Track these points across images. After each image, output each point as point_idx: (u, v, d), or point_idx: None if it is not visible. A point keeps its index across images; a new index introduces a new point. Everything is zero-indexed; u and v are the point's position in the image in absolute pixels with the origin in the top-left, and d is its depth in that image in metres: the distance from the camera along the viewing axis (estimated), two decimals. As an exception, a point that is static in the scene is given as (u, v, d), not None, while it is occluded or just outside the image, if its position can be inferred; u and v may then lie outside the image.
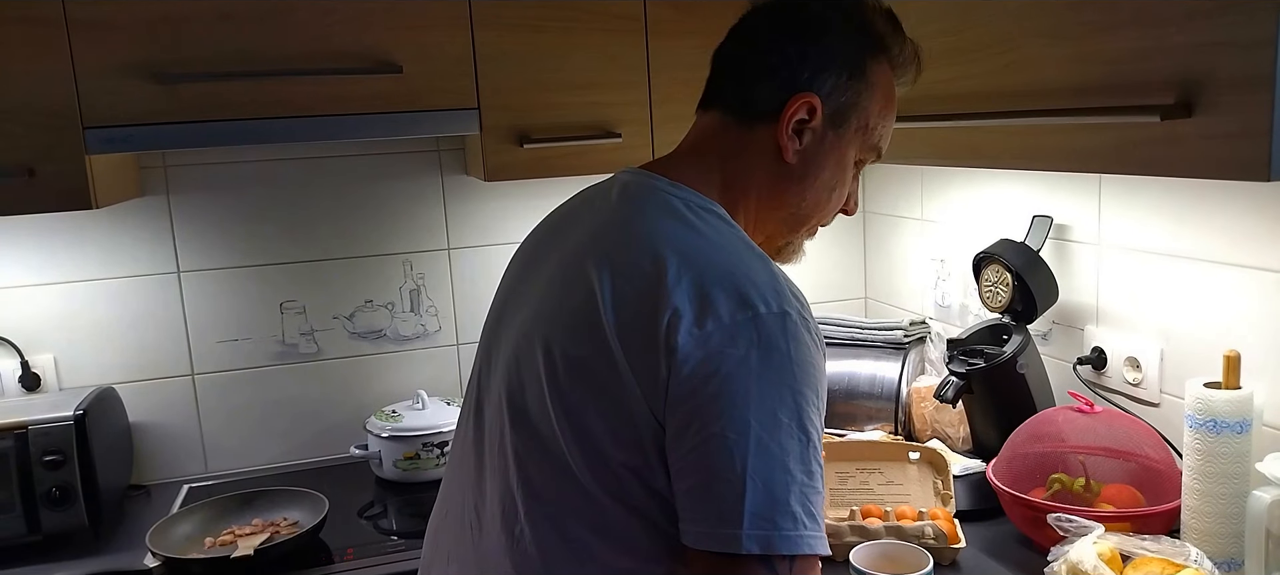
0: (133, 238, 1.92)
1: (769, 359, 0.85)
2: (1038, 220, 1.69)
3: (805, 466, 0.85)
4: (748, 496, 0.83)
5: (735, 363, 0.85)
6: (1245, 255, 1.37)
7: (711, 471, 0.84)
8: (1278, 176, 0.89)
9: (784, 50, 1.00)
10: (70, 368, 1.91)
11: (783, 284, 0.90)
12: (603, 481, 0.92)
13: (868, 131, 1.04)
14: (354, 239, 2.05)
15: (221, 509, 1.73)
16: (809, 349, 0.88)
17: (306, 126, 1.62)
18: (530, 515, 0.96)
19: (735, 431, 0.84)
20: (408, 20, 1.63)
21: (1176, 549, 1.17)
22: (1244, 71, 0.90)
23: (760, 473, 0.83)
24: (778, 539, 0.83)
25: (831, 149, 1.03)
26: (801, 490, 0.84)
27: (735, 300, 0.87)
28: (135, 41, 1.53)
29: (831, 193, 1.06)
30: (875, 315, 2.35)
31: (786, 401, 0.85)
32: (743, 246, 0.95)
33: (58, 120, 1.51)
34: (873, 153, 1.07)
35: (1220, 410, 1.24)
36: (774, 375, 0.85)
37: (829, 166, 1.03)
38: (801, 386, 0.86)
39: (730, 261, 0.91)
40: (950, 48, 1.34)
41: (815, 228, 1.10)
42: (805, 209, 1.05)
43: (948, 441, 1.79)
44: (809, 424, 0.86)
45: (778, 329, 0.86)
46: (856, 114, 1.02)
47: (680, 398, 0.86)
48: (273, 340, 2.03)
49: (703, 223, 0.96)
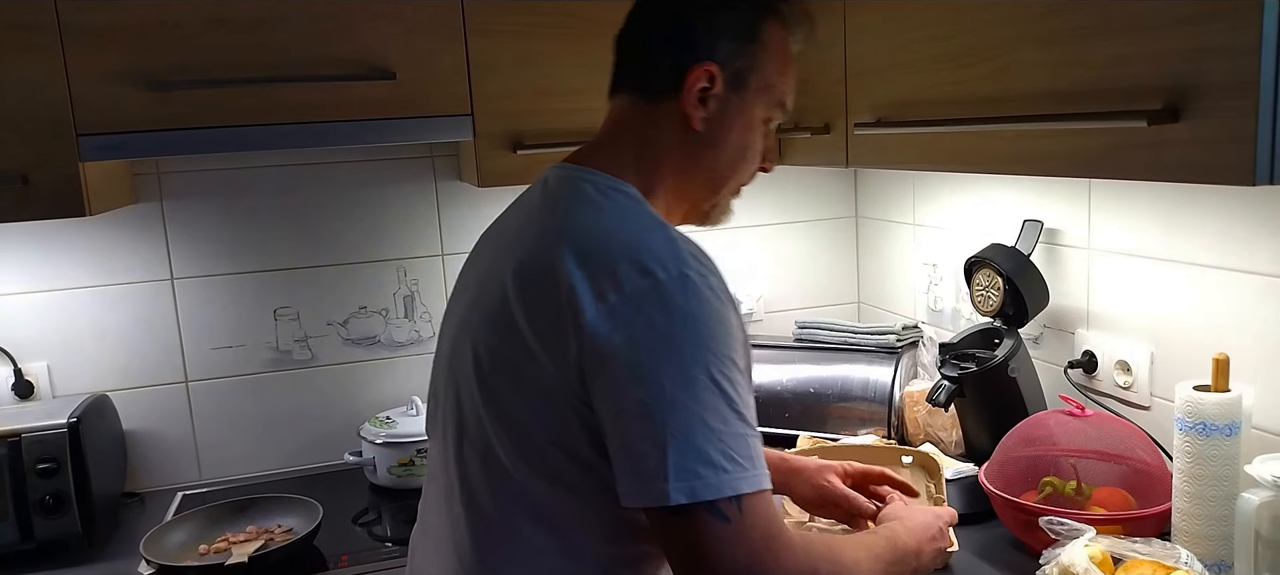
0: (126, 245, 1.92)
1: (673, 321, 0.90)
2: (1028, 225, 1.70)
3: (722, 417, 0.89)
4: (669, 452, 0.87)
5: (642, 329, 0.89)
6: (1233, 259, 1.38)
7: (635, 434, 0.89)
8: (1263, 181, 0.89)
9: (679, 25, 1.05)
10: (64, 375, 1.91)
11: (682, 249, 0.94)
12: (531, 463, 0.98)
13: (769, 90, 1.09)
14: (348, 245, 2.05)
15: (216, 516, 1.73)
16: (712, 305, 0.92)
17: (300, 133, 1.62)
18: (473, 525, 1.03)
19: (650, 395, 0.88)
20: (401, 27, 1.64)
21: (1167, 551, 1.18)
22: (1230, 77, 0.91)
23: (679, 429, 0.88)
24: (701, 486, 0.87)
25: (737, 112, 1.08)
26: (721, 439, 0.89)
27: (634, 270, 0.91)
28: (129, 48, 1.53)
29: (745, 152, 1.11)
30: (868, 319, 2.36)
31: (696, 358, 0.89)
32: (644, 219, 0.99)
33: (51, 127, 1.51)
34: (779, 109, 1.13)
35: (1210, 413, 1.24)
36: (680, 335, 0.90)
37: (737, 128, 1.08)
38: (708, 342, 0.90)
39: (628, 235, 0.95)
40: (940, 54, 1.35)
41: (738, 187, 1.15)
42: (722, 171, 1.10)
43: (940, 445, 1.79)
44: (721, 376, 0.90)
45: (678, 291, 0.91)
46: (756, 75, 1.07)
47: (595, 370, 0.91)
48: (266, 347, 2.03)
49: (608, 202, 1.01)
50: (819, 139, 1.74)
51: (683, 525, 0.89)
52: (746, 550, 0.89)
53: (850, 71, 1.62)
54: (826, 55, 1.69)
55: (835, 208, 2.38)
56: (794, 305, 2.36)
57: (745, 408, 0.92)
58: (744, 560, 0.89)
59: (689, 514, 0.88)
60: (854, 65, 1.61)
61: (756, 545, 0.89)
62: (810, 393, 1.96)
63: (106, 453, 1.81)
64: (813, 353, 2.04)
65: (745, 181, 1.15)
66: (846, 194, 2.38)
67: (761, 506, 0.91)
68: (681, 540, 0.90)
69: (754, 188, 2.28)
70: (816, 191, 2.35)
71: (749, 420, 0.92)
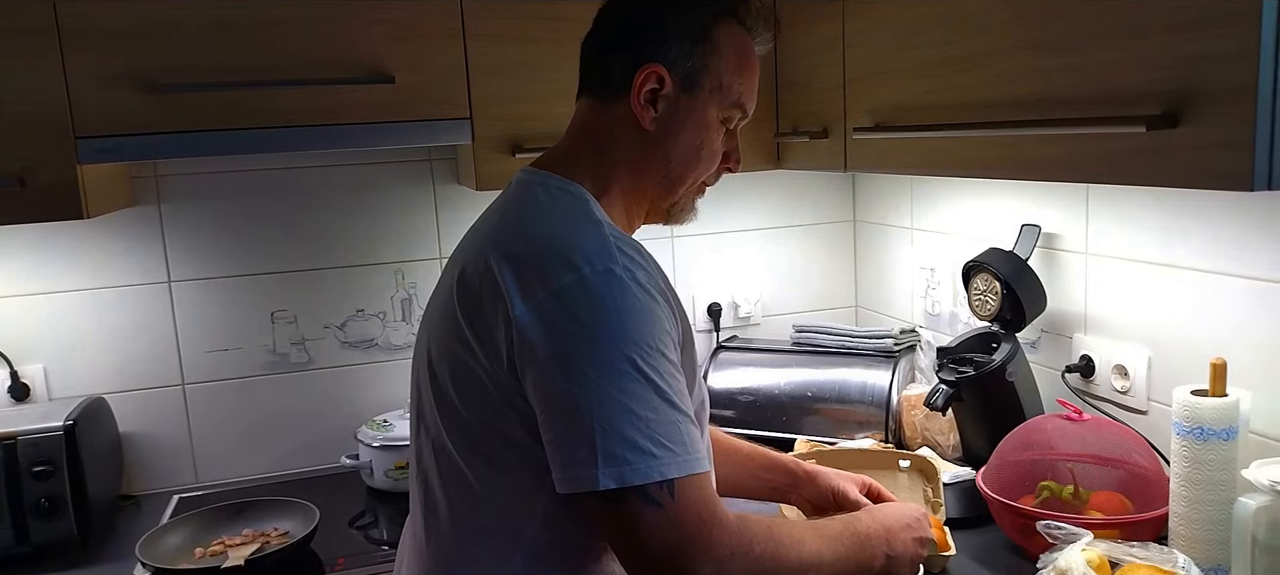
0: (124, 247, 1.92)
1: (597, 314, 0.93)
2: (1026, 229, 1.71)
3: (649, 404, 0.92)
4: (597, 440, 0.91)
5: (567, 323, 0.93)
6: (1231, 264, 1.38)
7: (564, 424, 0.93)
8: (1260, 186, 0.90)
9: (629, 26, 1.08)
10: (60, 378, 1.91)
11: (612, 246, 0.97)
12: (473, 451, 1.03)
13: (724, 91, 1.10)
14: (346, 248, 2.05)
15: (212, 519, 1.72)
16: (638, 299, 0.95)
17: (298, 136, 1.62)
18: (425, 510, 1.10)
19: (577, 386, 0.92)
20: (400, 30, 1.64)
21: (1164, 556, 1.18)
22: (1227, 83, 0.91)
23: (606, 418, 0.91)
24: (630, 471, 0.91)
25: (688, 112, 1.09)
26: (649, 425, 0.92)
27: (562, 267, 0.95)
28: (127, 51, 1.53)
29: (699, 152, 1.11)
30: (866, 324, 2.36)
31: (621, 350, 0.92)
32: (581, 218, 1.02)
33: (49, 130, 1.51)
34: (737, 110, 1.13)
35: (1207, 418, 1.25)
36: (605, 328, 0.93)
37: (689, 128, 1.09)
38: (632, 334, 0.93)
39: (562, 234, 0.99)
40: (938, 59, 1.35)
41: (699, 186, 1.16)
42: (674, 170, 1.11)
43: (938, 449, 1.80)
44: (647, 366, 0.93)
45: (603, 286, 0.94)
46: (708, 76, 1.08)
47: (526, 364, 0.95)
48: (264, 350, 2.02)
49: (552, 203, 1.05)
50: (817, 143, 1.75)
51: (616, 510, 0.92)
52: (679, 533, 0.92)
53: (848, 76, 1.63)
54: (825, 60, 1.70)
55: (833, 212, 2.38)
56: (792, 309, 2.36)
57: (676, 395, 0.95)
58: (677, 542, 0.92)
59: (621, 499, 0.91)
60: (852, 70, 1.62)
61: (689, 527, 0.92)
62: (808, 396, 1.96)
63: (103, 455, 1.81)
64: (810, 356, 2.04)
65: (709, 181, 1.17)
66: (845, 198, 2.38)
67: (694, 489, 0.93)
68: (616, 525, 0.93)
69: (752, 191, 2.31)
70: (815, 196, 2.35)
71: (681, 407, 0.95)
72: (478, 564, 1.05)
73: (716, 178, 1.17)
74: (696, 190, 1.17)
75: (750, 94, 1.14)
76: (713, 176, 1.17)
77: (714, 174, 1.16)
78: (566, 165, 1.10)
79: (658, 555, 0.92)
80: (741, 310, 2.32)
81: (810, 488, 1.37)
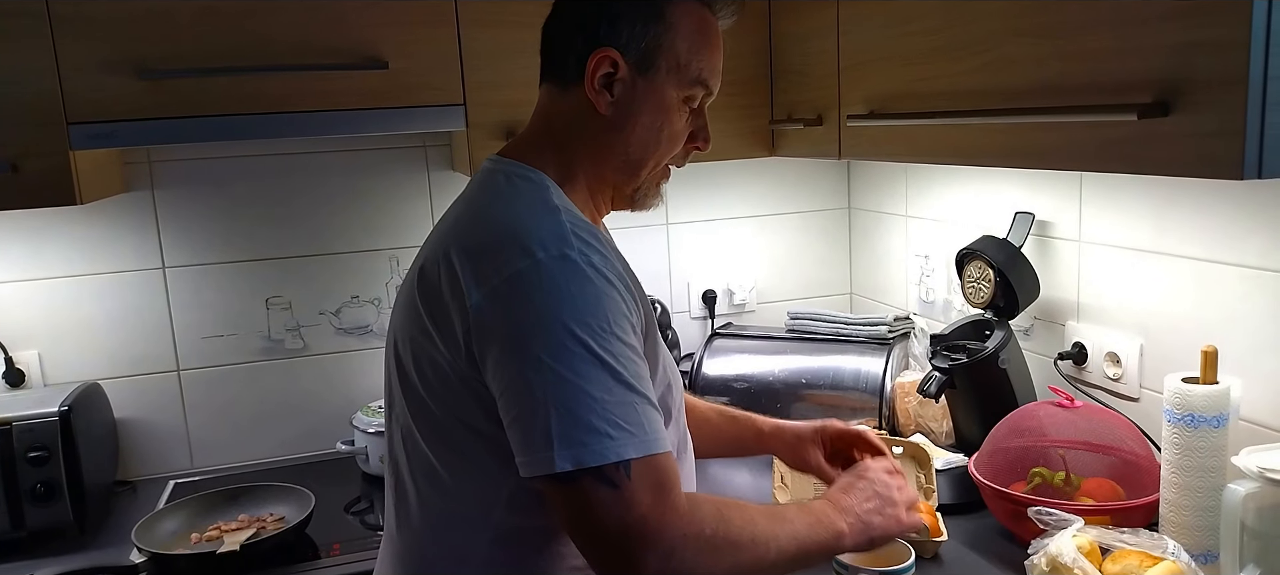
0: (117, 233, 1.92)
1: (550, 299, 0.94)
2: (1020, 217, 1.71)
3: (604, 387, 0.93)
4: (553, 423, 0.92)
5: (520, 308, 0.94)
6: (1223, 252, 1.39)
7: (521, 408, 0.94)
8: (1251, 175, 0.90)
9: (582, 10, 1.07)
10: (55, 364, 1.91)
11: (567, 231, 0.98)
12: (438, 437, 1.04)
13: (682, 70, 1.08)
14: (340, 234, 2.05)
15: (207, 505, 1.73)
16: (592, 283, 0.95)
17: (292, 122, 1.62)
18: (396, 495, 1.12)
19: (532, 369, 0.93)
20: (393, 16, 1.63)
21: (1155, 542, 1.19)
22: (1219, 71, 0.91)
23: (561, 401, 0.92)
24: (586, 453, 0.91)
25: (645, 94, 1.07)
26: (604, 408, 0.92)
27: (516, 254, 0.96)
28: (119, 37, 1.52)
29: (659, 134, 1.09)
30: (860, 311, 2.36)
31: (575, 333, 0.93)
32: (537, 205, 1.02)
33: (42, 116, 1.50)
34: (698, 88, 1.10)
35: (1198, 405, 1.25)
36: (558, 312, 0.93)
37: (647, 110, 1.08)
38: (587, 318, 0.93)
39: (517, 221, 1.00)
40: (932, 47, 1.35)
41: (663, 169, 1.14)
42: (634, 154, 1.10)
43: (931, 436, 1.80)
44: (601, 349, 0.93)
45: (556, 270, 0.94)
46: (664, 56, 1.06)
47: (483, 351, 0.96)
48: (258, 336, 2.02)
49: (511, 190, 1.05)
50: (812, 130, 1.75)
51: (572, 492, 0.93)
52: (635, 514, 0.92)
53: (843, 64, 1.63)
54: (820, 47, 1.69)
55: (828, 199, 2.38)
56: (786, 296, 2.37)
57: (633, 377, 0.95)
58: (628, 524, 0.92)
59: (577, 481, 0.92)
60: (847, 57, 1.61)
61: (645, 508, 0.92)
62: (802, 383, 1.97)
63: (98, 441, 1.81)
64: (804, 343, 2.04)
65: (677, 163, 1.15)
66: (839, 186, 2.38)
67: (650, 471, 0.93)
68: (571, 507, 0.94)
69: (747, 179, 2.31)
70: (809, 183, 2.35)
71: (639, 388, 0.95)
72: (444, 550, 1.07)
73: (684, 160, 1.16)
74: (661, 174, 1.15)
75: (712, 70, 1.11)
76: (680, 158, 1.15)
77: (681, 155, 1.14)
78: (529, 153, 1.10)
79: (609, 537, 0.93)
80: (736, 297, 2.32)
81: (775, 441, 1.39)
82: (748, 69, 1.91)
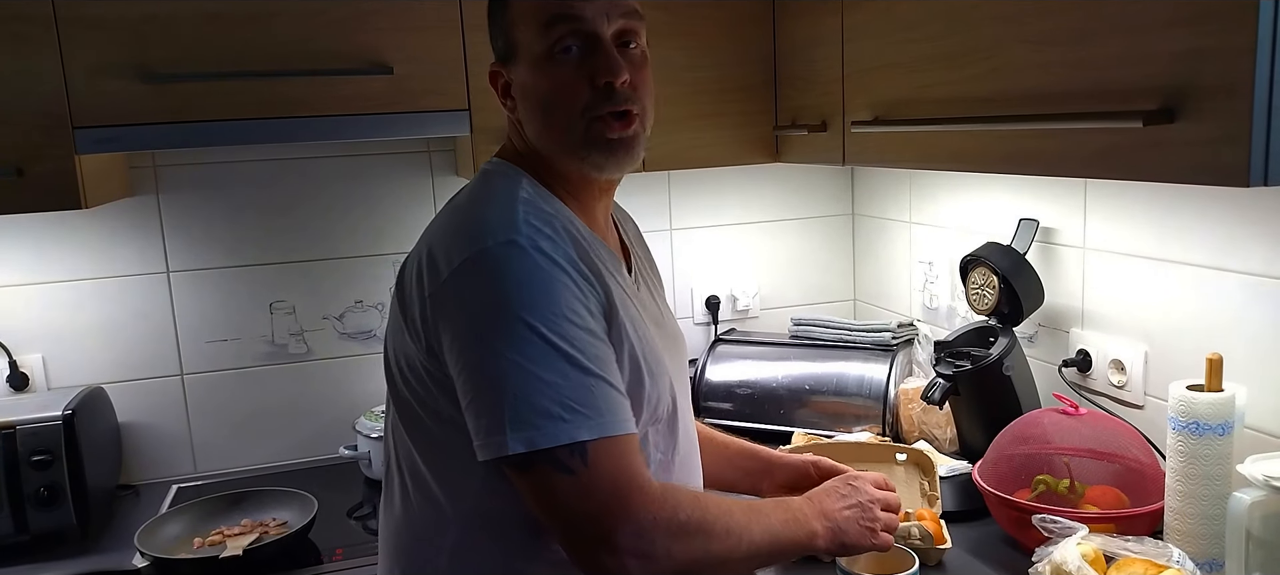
0: (122, 238, 1.92)
1: (499, 285, 0.96)
2: (1024, 224, 1.71)
3: (558, 370, 0.94)
4: (505, 407, 0.93)
5: (472, 296, 0.96)
6: (1228, 259, 1.39)
7: (474, 393, 0.96)
8: (1257, 182, 0.90)
9: None
10: (59, 367, 1.91)
11: (519, 218, 0.99)
12: (415, 427, 1.07)
13: (532, 26, 1.05)
14: (344, 240, 2.05)
15: (210, 509, 1.73)
16: (539, 268, 0.97)
17: (297, 127, 1.62)
18: (386, 485, 1.15)
19: (483, 355, 0.95)
20: (399, 21, 1.64)
21: (1159, 550, 1.18)
22: (1224, 79, 0.91)
23: (513, 385, 0.93)
24: (539, 436, 0.92)
25: (522, 76, 1.08)
26: (556, 390, 0.93)
27: (468, 243, 0.98)
28: (125, 42, 1.53)
29: (544, 96, 1.07)
30: (863, 317, 2.36)
31: (523, 317, 0.94)
32: (499, 195, 1.05)
33: (47, 120, 1.51)
34: (557, 26, 1.04)
35: (1202, 412, 1.25)
36: (506, 298, 0.95)
37: (531, 85, 1.07)
38: (535, 302, 0.95)
39: (476, 212, 1.03)
40: (936, 53, 1.35)
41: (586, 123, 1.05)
42: (540, 126, 1.08)
43: (934, 443, 1.80)
44: (553, 332, 0.94)
45: (504, 256, 0.96)
46: (516, 31, 1.07)
47: (441, 340, 0.99)
48: (262, 340, 2.03)
49: (484, 186, 1.09)
50: (816, 136, 1.75)
51: (531, 478, 0.94)
52: (594, 499, 0.93)
53: (847, 70, 1.63)
54: (824, 54, 1.70)
55: (832, 205, 2.38)
56: (790, 302, 2.37)
57: (591, 360, 0.96)
58: (593, 509, 0.93)
59: (534, 466, 0.93)
60: (851, 64, 1.61)
61: (605, 493, 0.93)
62: (805, 389, 1.97)
63: (101, 445, 1.81)
64: (808, 349, 2.04)
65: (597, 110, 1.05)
66: (843, 192, 2.38)
67: (609, 453, 0.94)
68: (533, 492, 0.96)
69: (751, 185, 2.31)
70: (813, 189, 2.35)
71: (595, 371, 0.96)
72: (418, 537, 1.09)
73: (609, 103, 1.05)
74: (591, 131, 1.05)
75: (555, 4, 1.04)
76: (601, 104, 1.05)
77: (597, 99, 1.05)
78: (509, 148, 1.15)
79: (575, 521, 0.93)
80: (739, 303, 2.32)
81: (783, 472, 1.37)
82: (752, 75, 1.91)
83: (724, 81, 1.90)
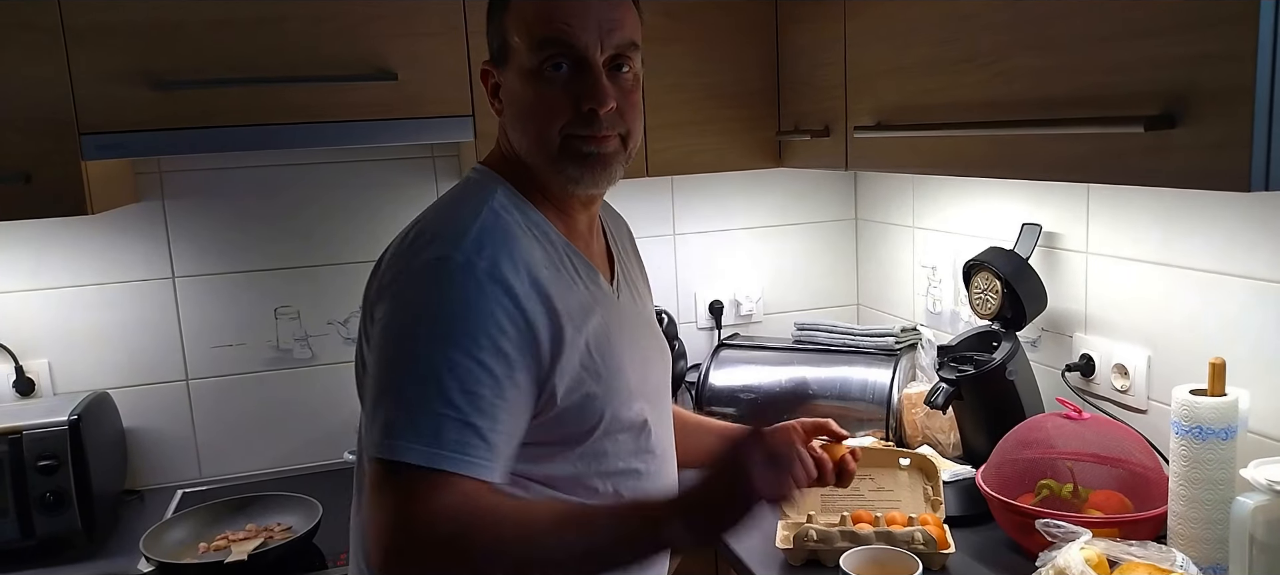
0: (128, 243, 1.93)
1: (415, 298, 0.98)
2: (1027, 228, 1.71)
3: (423, 392, 0.94)
4: (376, 410, 0.97)
5: (398, 304, 0.99)
6: (1231, 264, 1.39)
7: (373, 393, 0.99)
8: (1258, 187, 0.90)
9: None
10: (65, 373, 1.91)
11: (470, 236, 1.00)
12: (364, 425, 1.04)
13: (525, 37, 1.04)
14: (348, 245, 2.05)
15: (215, 514, 1.73)
16: (460, 288, 0.97)
17: (302, 133, 1.63)
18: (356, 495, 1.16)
19: (380, 358, 0.99)
20: (403, 28, 1.64)
21: (1163, 554, 1.18)
22: (1226, 84, 0.91)
23: (384, 391, 0.97)
24: (377, 447, 0.95)
25: (510, 82, 1.08)
26: (412, 410, 0.94)
27: (410, 253, 1.01)
28: (131, 48, 1.53)
29: (523, 110, 1.07)
30: (867, 321, 2.36)
31: (417, 333, 0.97)
32: (459, 203, 1.08)
33: (54, 126, 1.52)
34: (548, 48, 1.03)
35: (1206, 417, 1.25)
36: (415, 311, 0.98)
37: (518, 93, 1.07)
38: (439, 321, 0.96)
39: (431, 223, 1.05)
40: (939, 59, 1.36)
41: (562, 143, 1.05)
42: (521, 135, 1.08)
43: (938, 447, 1.80)
44: (438, 354, 0.95)
45: (432, 271, 0.98)
46: (510, 36, 1.06)
47: (368, 334, 1.03)
48: (267, 345, 2.03)
49: (455, 194, 1.11)
50: (819, 141, 1.75)
51: (374, 473, 0.95)
52: (382, 514, 0.94)
53: (850, 75, 1.63)
54: (826, 59, 1.70)
55: (835, 210, 2.38)
56: (793, 307, 2.37)
57: (458, 392, 0.94)
58: (381, 520, 0.94)
59: (373, 465, 0.95)
60: (854, 69, 1.62)
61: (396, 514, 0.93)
62: (809, 394, 1.97)
63: (107, 450, 1.81)
64: (811, 354, 2.04)
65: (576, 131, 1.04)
66: (846, 196, 2.38)
67: (423, 484, 0.93)
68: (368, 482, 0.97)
69: (755, 190, 2.31)
70: (816, 194, 2.36)
71: (456, 402, 0.94)
72: (361, 539, 1.12)
73: (589, 128, 1.04)
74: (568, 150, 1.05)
75: (548, 26, 1.02)
76: (581, 127, 1.04)
77: (578, 121, 1.04)
78: (494, 154, 1.16)
79: (372, 521, 0.95)
80: (743, 308, 2.32)
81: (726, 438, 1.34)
82: (755, 81, 1.92)
83: (727, 87, 1.90)
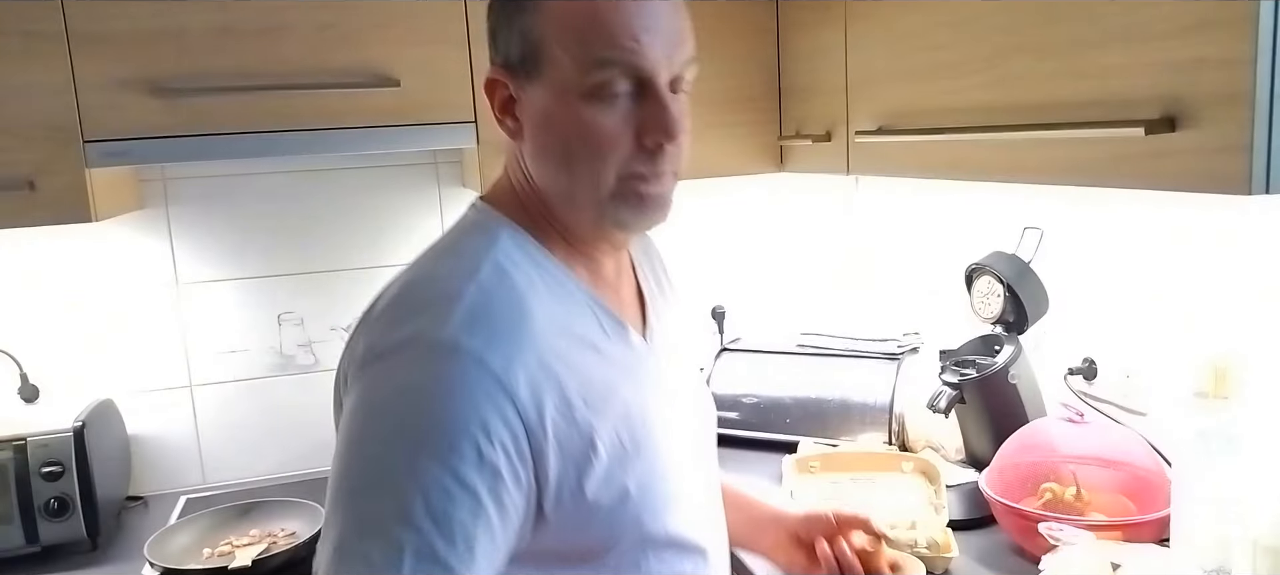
0: (132, 250, 1.93)
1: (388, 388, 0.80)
2: (1028, 232, 1.71)
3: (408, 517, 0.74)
4: (339, 531, 0.76)
5: (364, 394, 0.81)
6: (1232, 266, 1.39)
7: (328, 503, 0.79)
8: (1259, 190, 0.90)
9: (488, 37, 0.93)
10: (69, 379, 1.92)
11: (459, 299, 0.82)
12: None
13: (573, 54, 0.85)
14: (352, 251, 2.06)
15: (219, 520, 1.74)
16: (448, 379, 0.78)
17: (305, 140, 1.63)
18: None
19: (345, 465, 0.79)
20: (406, 35, 1.65)
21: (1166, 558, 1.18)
22: (1225, 87, 0.91)
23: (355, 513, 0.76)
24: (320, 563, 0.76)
25: (544, 101, 0.87)
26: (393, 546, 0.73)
27: (387, 325, 0.84)
28: (135, 55, 1.54)
29: (570, 143, 0.87)
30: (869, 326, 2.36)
31: (387, 439, 0.77)
32: (451, 254, 0.91)
33: (58, 134, 1.52)
34: (608, 69, 0.85)
35: (1208, 420, 1.25)
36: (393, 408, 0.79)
37: (556, 119, 0.87)
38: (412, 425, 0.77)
39: (417, 276, 0.89)
40: (939, 63, 1.36)
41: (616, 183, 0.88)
42: (556, 175, 0.90)
43: (940, 452, 1.80)
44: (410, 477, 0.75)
45: (415, 355, 0.80)
46: (547, 48, 0.85)
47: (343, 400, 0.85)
48: (271, 352, 2.03)
49: (453, 236, 0.94)
50: (821, 146, 1.75)
51: None
52: None
53: (851, 80, 1.63)
54: (827, 64, 1.70)
55: (837, 214, 2.38)
56: (796, 311, 2.37)
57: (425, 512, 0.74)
58: None
59: None
60: (855, 73, 1.62)
61: None
62: (811, 399, 1.97)
63: (111, 456, 1.82)
64: (814, 359, 2.04)
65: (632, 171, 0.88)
66: (848, 200, 2.38)
67: None
68: None
69: (759, 193, 2.31)
70: (818, 198, 2.36)
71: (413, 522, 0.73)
72: None
73: (653, 163, 0.89)
74: (620, 189, 0.89)
75: (610, 42, 0.84)
76: (638, 161, 0.88)
77: (639, 158, 0.88)
78: (497, 191, 0.97)
79: None
80: (746, 313, 2.32)
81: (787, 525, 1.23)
82: (756, 85, 1.92)
83: (729, 91, 1.91)
